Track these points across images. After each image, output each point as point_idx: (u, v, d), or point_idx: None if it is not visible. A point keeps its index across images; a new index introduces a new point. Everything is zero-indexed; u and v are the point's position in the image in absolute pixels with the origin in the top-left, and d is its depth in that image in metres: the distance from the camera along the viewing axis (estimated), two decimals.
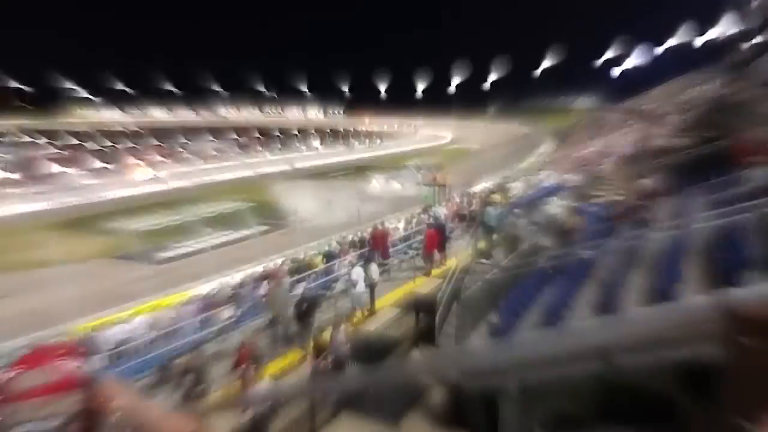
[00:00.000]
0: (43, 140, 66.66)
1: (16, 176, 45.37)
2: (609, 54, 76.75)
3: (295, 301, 9.57)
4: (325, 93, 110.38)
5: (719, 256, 5.50)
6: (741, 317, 0.55)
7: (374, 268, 11.26)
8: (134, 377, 9.80)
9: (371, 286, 10.96)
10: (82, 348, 0.97)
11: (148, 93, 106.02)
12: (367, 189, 26.32)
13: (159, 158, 56.29)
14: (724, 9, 39.26)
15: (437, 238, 13.57)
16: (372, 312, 10.90)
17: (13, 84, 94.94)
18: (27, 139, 69.94)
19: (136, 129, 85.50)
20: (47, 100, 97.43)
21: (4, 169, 47.80)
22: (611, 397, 6.56)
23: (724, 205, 7.68)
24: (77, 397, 0.87)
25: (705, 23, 53.95)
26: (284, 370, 8.44)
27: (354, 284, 10.71)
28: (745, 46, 29.42)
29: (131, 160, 53.47)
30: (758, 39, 24.96)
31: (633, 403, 6.38)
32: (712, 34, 52.56)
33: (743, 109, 19.71)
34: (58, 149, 57.74)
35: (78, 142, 66.05)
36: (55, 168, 47.36)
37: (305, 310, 9.15)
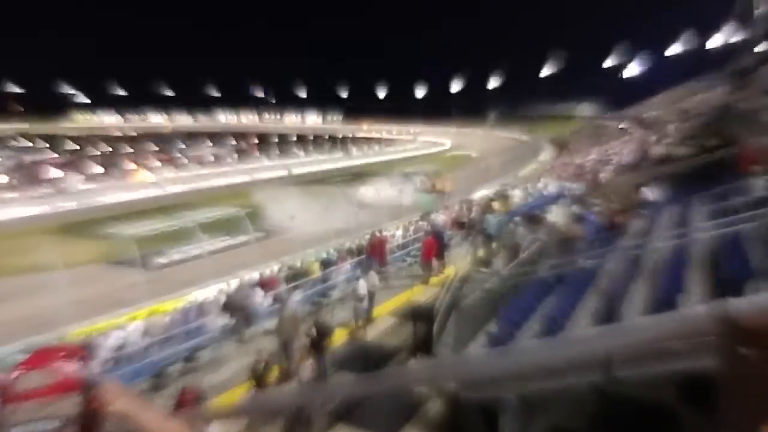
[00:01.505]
0: (41, 145, 66.78)
1: (14, 180, 45.36)
2: (610, 62, 77.09)
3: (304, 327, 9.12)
4: (323, 99, 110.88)
5: (722, 266, 5.50)
6: (742, 327, 0.55)
7: (374, 277, 11.25)
8: (130, 383, 9.76)
9: (371, 295, 10.93)
10: (82, 351, 0.97)
11: (146, 98, 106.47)
12: (365, 196, 26.30)
13: (157, 163, 56.29)
14: (728, 17, 39.52)
15: (435, 246, 13.56)
16: (370, 320, 10.87)
17: (13, 88, 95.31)
18: (26, 143, 70.10)
19: (135, 134, 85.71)
20: (46, 104, 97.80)
21: (3, 173, 47.82)
22: (611, 409, 6.53)
23: (727, 214, 7.70)
24: (77, 399, 0.88)
25: (708, 31, 54.29)
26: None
27: (360, 299, 10.57)
28: (748, 54, 29.61)
29: (129, 165, 53.48)
30: (761, 47, 25.15)
31: (633, 415, 6.35)
32: (715, 42, 52.85)
33: (746, 118, 19.83)
34: (56, 154, 57.74)
35: (76, 146, 66.11)
36: (54, 172, 47.33)
37: (318, 338, 8.71)
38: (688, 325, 0.66)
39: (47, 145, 65.53)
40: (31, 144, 68.62)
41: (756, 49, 26.27)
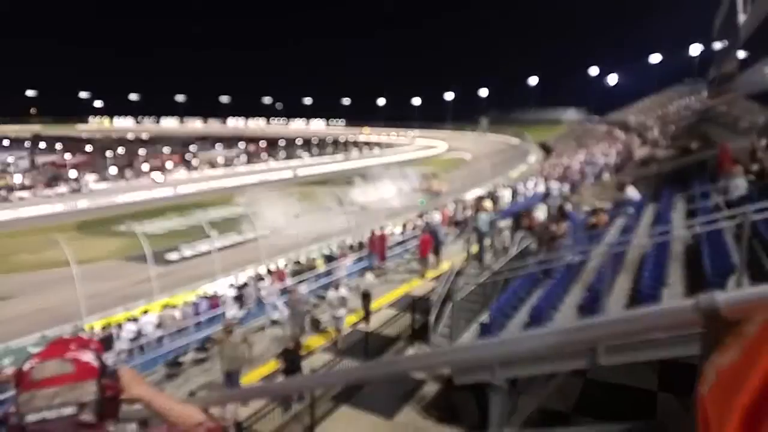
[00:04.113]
0: (58, 146, 66.54)
1: (31, 180, 45.27)
2: (595, 67, 77.03)
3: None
4: (327, 105, 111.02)
5: (702, 262, 5.51)
6: (728, 319, 0.55)
7: (369, 277, 11.16)
8: (144, 372, 9.76)
9: (366, 294, 10.81)
10: (97, 342, 0.96)
11: (160, 103, 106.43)
12: (365, 196, 26.28)
13: (169, 165, 56.13)
14: (709, 24, 39.52)
15: (432, 243, 13.59)
16: (367, 317, 10.71)
17: (30, 92, 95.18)
18: (43, 144, 69.89)
19: (149, 136, 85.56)
20: (62, 108, 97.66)
21: (21, 173, 47.73)
22: (595, 393, 6.52)
23: (707, 212, 7.71)
24: (92, 387, 0.87)
25: (690, 38, 54.27)
26: None
27: (344, 303, 9.87)
28: (729, 61, 29.62)
29: (143, 166, 53.34)
30: (741, 54, 25.15)
31: (615, 399, 6.35)
32: (697, 48, 52.81)
33: (726, 122, 19.84)
34: (73, 154, 57.57)
35: (91, 148, 65.93)
36: (70, 173, 47.22)
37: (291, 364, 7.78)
38: (674, 317, 0.65)
39: (63, 147, 65.19)
40: (47, 145, 68.41)
41: (735, 56, 26.29)
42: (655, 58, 61.57)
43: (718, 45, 37.22)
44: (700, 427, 0.48)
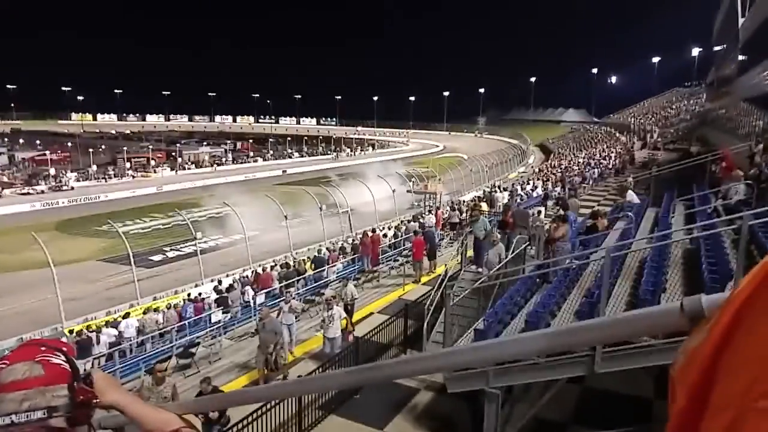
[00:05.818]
0: (39, 142, 65.82)
1: (10, 177, 44.72)
2: (596, 69, 77.71)
3: None
4: (319, 103, 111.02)
5: (702, 267, 5.56)
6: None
7: (351, 286, 11.12)
8: (124, 378, 9.66)
9: (349, 304, 10.76)
10: (71, 345, 0.96)
11: (146, 100, 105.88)
12: (358, 196, 26.20)
13: (154, 162, 55.68)
14: (708, 27, 39.98)
15: (426, 246, 13.58)
16: (352, 327, 10.59)
17: (12, 86, 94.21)
18: (23, 140, 69.10)
19: (133, 133, 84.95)
20: (45, 103, 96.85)
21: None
22: (591, 401, 6.55)
23: (707, 217, 7.79)
24: (63, 391, 0.86)
25: (689, 41, 54.94)
26: None
27: (332, 320, 9.36)
28: (728, 63, 29.98)
29: (126, 163, 52.87)
30: (741, 57, 25.47)
31: (612, 407, 6.37)
32: (696, 51, 53.47)
33: (724, 125, 20.09)
34: (54, 151, 56.91)
35: (73, 144, 65.25)
36: (50, 170, 46.67)
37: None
38: (661, 320, 0.66)
39: (44, 143, 64.43)
40: (27, 141, 67.64)
41: (735, 59, 26.62)
42: (655, 60, 62.28)
43: (717, 48, 37.65)
44: (669, 406, 0.51)
